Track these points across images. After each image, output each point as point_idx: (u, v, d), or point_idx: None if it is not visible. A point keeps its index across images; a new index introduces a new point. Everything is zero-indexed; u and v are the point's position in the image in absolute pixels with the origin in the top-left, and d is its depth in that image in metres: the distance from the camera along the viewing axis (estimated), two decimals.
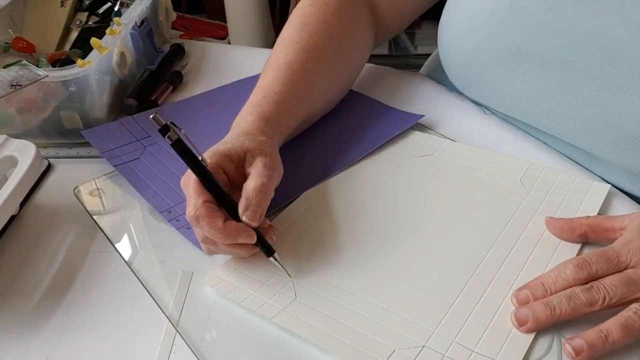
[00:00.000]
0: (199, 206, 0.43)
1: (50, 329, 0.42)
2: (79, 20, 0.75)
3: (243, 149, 0.46)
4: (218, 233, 0.42)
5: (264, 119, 0.51)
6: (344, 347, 0.39)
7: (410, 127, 0.61)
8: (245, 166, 0.47)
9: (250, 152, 0.46)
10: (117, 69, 0.64)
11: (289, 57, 0.56)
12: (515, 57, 0.54)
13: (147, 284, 0.45)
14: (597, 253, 0.41)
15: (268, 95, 0.53)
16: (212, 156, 0.45)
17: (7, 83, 0.56)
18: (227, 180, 0.46)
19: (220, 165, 0.46)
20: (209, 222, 0.42)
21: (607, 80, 0.49)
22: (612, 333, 0.37)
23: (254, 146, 0.47)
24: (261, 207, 0.44)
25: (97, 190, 0.55)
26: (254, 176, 0.45)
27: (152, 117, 0.42)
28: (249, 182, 0.45)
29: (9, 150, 0.51)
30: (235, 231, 0.42)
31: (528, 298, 0.41)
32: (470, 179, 0.54)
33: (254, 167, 0.46)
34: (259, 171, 0.45)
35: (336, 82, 0.61)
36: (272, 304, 0.42)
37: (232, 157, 0.46)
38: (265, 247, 0.44)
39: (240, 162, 0.47)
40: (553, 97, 0.53)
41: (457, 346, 0.39)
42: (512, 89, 0.56)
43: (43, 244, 0.50)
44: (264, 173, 0.45)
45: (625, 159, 0.50)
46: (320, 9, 0.59)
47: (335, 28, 0.59)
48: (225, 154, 0.46)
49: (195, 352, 0.40)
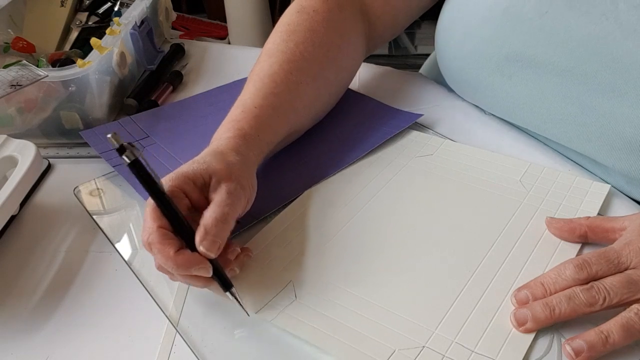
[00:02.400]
0: (152, 232, 0.40)
1: (50, 329, 0.42)
2: (79, 20, 0.75)
3: (209, 172, 0.43)
4: (169, 262, 0.39)
5: (241, 136, 0.48)
6: (344, 348, 0.39)
7: (410, 127, 0.61)
8: (210, 191, 0.43)
9: (216, 176, 0.43)
10: (117, 69, 0.64)
11: (272, 69, 0.53)
12: (511, 63, 0.54)
13: (147, 284, 0.45)
14: (597, 253, 0.41)
15: (248, 109, 0.51)
16: (174, 178, 0.42)
17: (7, 83, 0.56)
18: (190, 204, 0.43)
19: (182, 188, 0.42)
20: (160, 250, 0.39)
21: (602, 85, 0.49)
22: (613, 334, 0.37)
23: (220, 169, 0.44)
24: (219, 238, 0.40)
25: (97, 190, 0.55)
26: (215, 204, 0.42)
27: (110, 136, 0.39)
28: (209, 211, 0.41)
29: (9, 150, 0.51)
30: (189, 262, 0.39)
31: (528, 298, 0.41)
32: (470, 179, 0.54)
33: (217, 194, 0.42)
34: (220, 199, 0.42)
35: (324, 92, 0.59)
36: (273, 305, 0.42)
37: (196, 181, 0.43)
38: (222, 281, 0.41)
39: (204, 185, 0.43)
40: (549, 103, 0.53)
41: (457, 346, 0.39)
42: (509, 94, 0.56)
43: (43, 244, 0.50)
44: (225, 201, 0.42)
45: (622, 164, 0.50)
46: (307, 17, 0.57)
47: (323, 37, 0.57)
48: (189, 177, 0.43)
49: (195, 352, 0.40)
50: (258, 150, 0.49)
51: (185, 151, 0.59)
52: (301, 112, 0.56)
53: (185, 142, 0.60)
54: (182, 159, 0.57)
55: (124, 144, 0.39)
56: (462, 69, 0.59)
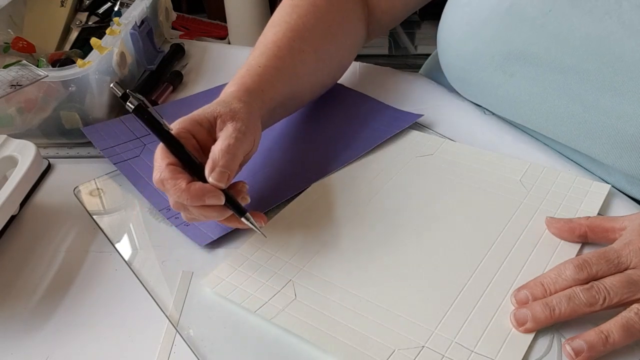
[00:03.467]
0: (163, 169, 0.43)
1: (50, 329, 0.42)
2: (79, 20, 0.75)
3: (214, 115, 0.46)
4: (183, 194, 0.42)
5: (244, 89, 0.51)
6: (344, 347, 0.39)
7: (410, 127, 0.61)
8: (216, 131, 0.46)
9: (222, 118, 0.46)
10: (117, 69, 0.64)
11: (276, 36, 0.56)
12: (514, 61, 0.54)
13: (147, 284, 0.45)
14: (597, 253, 0.41)
15: (252, 68, 0.54)
16: (182, 122, 0.46)
17: (7, 83, 0.56)
18: (197, 145, 0.46)
19: (189, 130, 0.45)
20: (172, 184, 0.42)
21: (605, 84, 0.49)
22: (613, 334, 0.37)
23: (225, 112, 0.47)
24: (228, 169, 0.43)
25: (97, 190, 0.55)
26: (222, 138, 0.45)
27: (112, 86, 0.42)
28: (216, 144, 0.45)
29: (9, 150, 0.51)
30: (201, 191, 0.42)
31: (527, 298, 0.41)
32: (470, 179, 0.54)
33: (223, 131, 0.46)
34: (227, 133, 0.45)
35: (325, 64, 0.61)
36: (272, 304, 0.42)
37: (202, 122, 0.46)
38: (236, 208, 0.44)
39: (211, 127, 0.46)
40: (551, 101, 0.53)
41: (457, 346, 0.39)
42: (511, 92, 0.56)
43: (43, 244, 0.50)
44: (232, 135, 0.45)
45: (623, 162, 0.50)
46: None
47: (325, 12, 0.60)
48: (195, 119, 0.46)
49: (195, 352, 0.40)
50: (260, 102, 0.51)
51: None
52: (302, 78, 0.58)
53: None
54: None
55: (127, 91, 0.42)
56: (464, 67, 0.59)
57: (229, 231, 0.49)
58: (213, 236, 0.48)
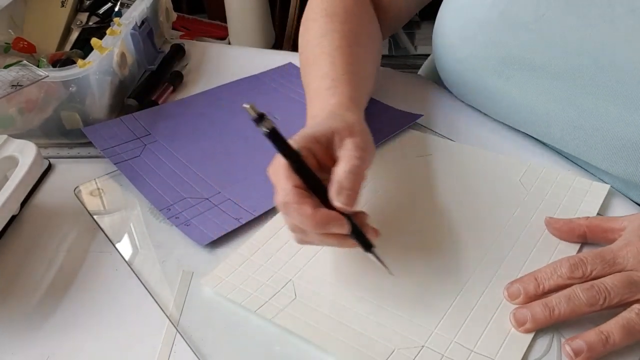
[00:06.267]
0: (288, 192, 0.40)
1: (50, 329, 0.42)
2: (80, 21, 0.75)
3: (331, 130, 0.43)
4: (307, 221, 0.39)
5: (348, 98, 0.49)
6: (344, 347, 0.39)
7: (410, 127, 0.61)
8: (334, 149, 0.43)
9: (338, 134, 0.43)
10: (118, 69, 0.64)
11: (334, 44, 0.54)
12: (509, 66, 0.54)
13: (148, 283, 0.45)
14: (593, 253, 0.41)
15: (337, 78, 0.51)
16: (300, 139, 0.42)
17: (7, 83, 0.56)
18: (317, 164, 0.43)
19: (309, 148, 0.42)
20: (297, 209, 0.39)
21: (600, 89, 0.49)
22: (613, 334, 0.37)
23: (341, 127, 0.44)
24: (354, 191, 0.40)
25: (97, 190, 0.56)
26: (345, 158, 0.42)
27: (248, 107, 0.39)
28: (340, 165, 0.41)
29: (9, 150, 0.51)
30: (327, 219, 0.39)
31: (519, 292, 0.41)
32: (469, 179, 0.54)
33: (344, 149, 0.43)
34: (349, 153, 0.42)
35: (374, 66, 0.60)
36: (272, 303, 0.42)
37: (320, 140, 0.43)
38: (363, 241, 0.41)
39: (328, 144, 0.43)
40: (546, 105, 0.53)
41: (456, 346, 0.39)
42: (506, 97, 0.56)
43: (43, 244, 0.50)
44: (355, 155, 0.42)
45: (618, 167, 0.50)
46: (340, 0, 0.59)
47: (360, 16, 0.59)
48: (313, 136, 0.43)
49: (196, 352, 0.40)
50: (362, 110, 0.50)
51: (185, 149, 0.59)
52: (370, 79, 0.57)
53: (186, 140, 0.60)
54: (183, 156, 0.58)
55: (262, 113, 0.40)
56: (460, 71, 0.60)
57: (228, 231, 0.49)
58: (213, 236, 0.48)
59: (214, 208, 0.51)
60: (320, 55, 0.54)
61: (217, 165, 0.57)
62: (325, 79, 0.51)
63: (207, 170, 0.56)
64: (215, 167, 0.56)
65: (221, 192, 0.53)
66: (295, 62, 0.75)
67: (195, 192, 0.53)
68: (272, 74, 0.73)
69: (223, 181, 0.54)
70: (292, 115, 0.64)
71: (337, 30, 0.56)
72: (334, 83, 0.50)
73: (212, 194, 0.53)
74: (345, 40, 0.55)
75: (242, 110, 0.39)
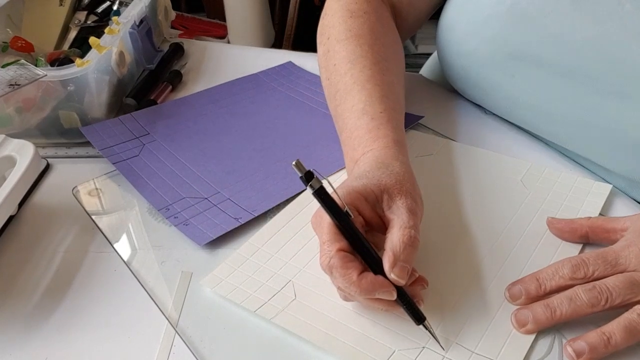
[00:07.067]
0: (333, 255, 0.38)
1: (49, 329, 0.42)
2: (78, 20, 0.75)
3: (380, 188, 0.41)
4: (352, 286, 0.38)
5: (393, 142, 0.46)
6: (344, 348, 0.39)
7: (410, 127, 0.61)
8: (384, 208, 0.41)
9: (388, 192, 0.41)
10: (116, 68, 0.64)
11: (365, 73, 0.52)
12: (514, 62, 0.54)
13: (146, 284, 0.45)
14: (595, 254, 0.41)
15: (377, 116, 0.49)
16: (347, 197, 0.40)
17: (5, 82, 0.55)
18: (364, 222, 0.41)
19: (355, 205, 0.41)
20: (342, 274, 0.38)
21: (606, 87, 0.48)
22: (615, 335, 0.37)
23: (392, 184, 0.42)
24: (409, 263, 0.38)
25: (95, 190, 0.55)
26: (399, 226, 0.39)
27: (295, 164, 0.39)
28: (395, 234, 0.39)
29: (7, 150, 0.50)
30: (373, 286, 0.38)
31: (521, 293, 0.41)
32: (470, 179, 0.53)
33: (396, 214, 0.40)
34: (403, 220, 0.40)
35: (402, 88, 0.57)
36: (272, 304, 0.42)
37: (368, 197, 0.41)
38: (414, 313, 0.39)
39: (377, 201, 0.41)
40: (551, 103, 0.53)
41: (457, 347, 0.39)
42: (511, 93, 0.56)
43: (42, 244, 0.49)
44: (409, 223, 0.39)
45: (624, 166, 0.50)
46: (363, 20, 0.56)
47: (385, 36, 0.57)
48: (361, 193, 0.41)
49: (195, 352, 0.40)
50: (407, 153, 0.48)
51: (185, 148, 0.59)
52: (403, 111, 0.54)
53: (185, 140, 0.60)
54: (182, 156, 0.57)
55: (310, 171, 0.39)
56: (465, 66, 0.59)
57: (228, 230, 0.48)
58: (212, 235, 0.48)
59: (213, 208, 0.51)
60: (353, 86, 0.52)
61: (216, 164, 0.56)
62: (363, 116, 0.49)
63: (207, 170, 0.56)
64: (215, 167, 0.56)
65: (220, 191, 0.53)
66: (295, 61, 0.75)
67: (195, 191, 0.53)
68: (271, 72, 0.72)
69: (222, 181, 0.54)
70: (292, 114, 0.64)
71: (366, 57, 0.53)
72: (375, 123, 0.48)
73: (211, 193, 0.53)
74: (376, 67, 0.53)
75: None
